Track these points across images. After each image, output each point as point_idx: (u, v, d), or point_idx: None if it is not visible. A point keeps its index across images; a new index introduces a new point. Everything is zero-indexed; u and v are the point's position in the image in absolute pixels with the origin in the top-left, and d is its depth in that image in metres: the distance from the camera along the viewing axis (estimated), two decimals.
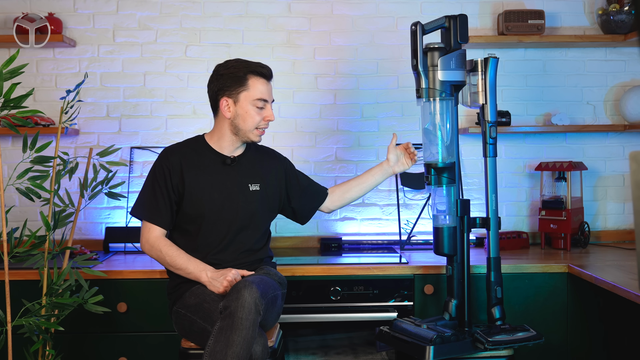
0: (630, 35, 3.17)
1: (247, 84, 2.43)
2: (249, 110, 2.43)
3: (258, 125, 2.46)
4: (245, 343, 2.11)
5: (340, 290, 2.78)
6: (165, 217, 2.46)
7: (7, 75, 2.33)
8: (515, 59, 3.35)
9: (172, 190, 2.46)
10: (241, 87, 2.43)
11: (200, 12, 3.30)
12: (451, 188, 2.56)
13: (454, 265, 2.57)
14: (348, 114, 3.34)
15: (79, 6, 3.27)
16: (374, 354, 2.85)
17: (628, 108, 3.26)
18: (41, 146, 2.48)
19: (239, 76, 2.43)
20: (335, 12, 3.33)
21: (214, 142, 2.52)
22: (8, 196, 3.18)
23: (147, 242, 2.46)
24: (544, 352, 2.77)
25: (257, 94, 2.43)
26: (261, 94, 2.44)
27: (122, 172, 3.22)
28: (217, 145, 2.51)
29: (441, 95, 2.50)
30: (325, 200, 2.70)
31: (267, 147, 2.66)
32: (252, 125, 2.45)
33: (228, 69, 2.44)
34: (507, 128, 3.21)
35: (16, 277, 2.65)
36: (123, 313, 2.72)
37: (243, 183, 2.50)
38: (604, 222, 3.38)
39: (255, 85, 2.43)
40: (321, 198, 2.69)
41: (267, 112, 2.46)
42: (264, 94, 2.44)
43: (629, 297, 2.25)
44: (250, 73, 2.44)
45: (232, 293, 2.18)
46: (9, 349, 2.43)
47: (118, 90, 3.29)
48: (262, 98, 2.44)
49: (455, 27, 2.54)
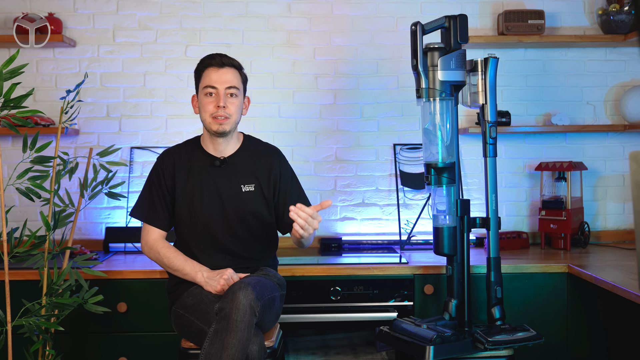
0: (630, 35, 3.17)
1: (202, 76, 2.47)
2: (202, 100, 2.46)
3: (212, 113, 2.43)
4: (241, 345, 2.11)
5: (340, 290, 2.77)
6: (162, 218, 2.48)
7: (7, 75, 2.33)
8: (515, 59, 3.35)
9: (167, 193, 2.48)
10: (199, 83, 2.48)
11: (200, 12, 3.30)
12: (451, 188, 2.56)
13: (454, 265, 2.57)
14: (348, 114, 3.34)
15: (79, 6, 3.27)
16: (374, 354, 2.85)
17: (628, 108, 3.26)
18: (41, 146, 2.48)
19: (198, 71, 2.49)
20: (335, 12, 3.33)
21: (205, 143, 2.53)
22: (8, 196, 3.18)
23: (147, 244, 2.48)
24: (544, 352, 2.77)
25: (206, 82, 2.45)
26: (209, 82, 2.44)
27: (122, 172, 3.22)
28: (207, 146, 2.52)
29: (441, 95, 2.50)
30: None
31: (269, 146, 2.61)
32: (206, 115, 2.44)
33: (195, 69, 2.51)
34: (507, 128, 3.21)
35: (16, 277, 2.65)
36: (123, 313, 2.72)
37: (234, 184, 2.48)
38: (604, 222, 3.38)
39: (206, 75, 2.45)
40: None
41: (216, 99, 2.43)
42: (211, 81, 2.43)
43: (629, 297, 2.25)
44: (204, 67, 2.47)
45: (228, 295, 2.18)
46: (9, 349, 2.43)
47: (118, 90, 3.29)
48: (209, 85, 2.44)
49: (455, 27, 2.54)
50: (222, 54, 2.49)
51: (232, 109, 2.44)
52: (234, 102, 2.45)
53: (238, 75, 2.48)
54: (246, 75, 2.54)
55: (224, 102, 2.42)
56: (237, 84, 2.46)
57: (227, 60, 2.46)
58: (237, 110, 2.46)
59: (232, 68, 2.46)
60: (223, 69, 2.44)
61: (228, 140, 2.49)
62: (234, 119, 2.44)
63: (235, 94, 2.45)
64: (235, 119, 2.45)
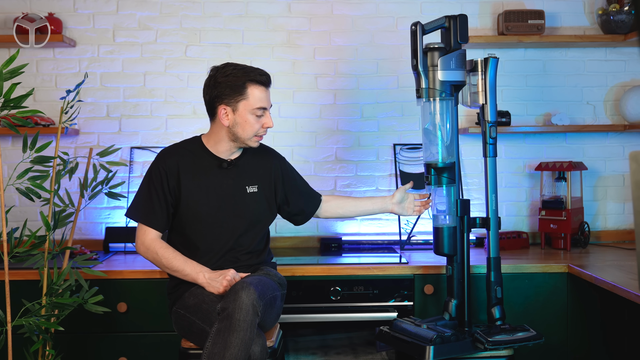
0: (630, 35, 3.17)
1: (246, 92, 2.39)
2: (248, 119, 2.40)
3: (257, 132, 2.44)
4: (243, 345, 2.11)
5: (340, 290, 2.78)
6: (160, 219, 2.45)
7: (7, 75, 2.33)
8: (515, 59, 3.35)
9: (169, 193, 2.44)
10: (240, 96, 2.39)
11: (200, 12, 3.30)
12: (451, 188, 2.56)
13: (454, 265, 2.57)
14: (348, 114, 3.34)
15: (79, 6, 3.27)
16: (374, 354, 2.85)
17: (628, 108, 3.26)
18: (41, 146, 2.48)
19: (238, 85, 2.38)
20: (335, 12, 3.33)
21: (211, 145, 2.49)
22: (8, 196, 3.18)
23: (143, 244, 2.45)
24: (544, 352, 2.77)
25: (257, 102, 2.40)
26: (260, 103, 2.41)
27: (122, 172, 3.22)
28: (214, 148, 2.48)
29: (441, 95, 2.50)
30: (319, 206, 2.69)
31: (265, 147, 2.62)
32: (251, 134, 2.42)
33: (227, 77, 2.38)
34: (507, 128, 3.21)
35: (16, 277, 2.65)
36: (123, 313, 2.72)
37: (240, 186, 2.48)
38: (604, 222, 3.38)
39: (254, 94, 2.39)
40: (317, 203, 2.68)
41: (266, 119, 2.43)
42: (263, 102, 2.41)
43: (629, 297, 2.26)
44: (249, 82, 2.39)
45: (230, 295, 2.18)
46: (9, 349, 2.43)
47: (118, 90, 3.29)
48: (261, 107, 2.41)
49: (455, 27, 2.54)
50: (264, 71, 2.44)
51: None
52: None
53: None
54: None
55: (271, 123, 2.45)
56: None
57: (270, 79, 2.46)
58: None
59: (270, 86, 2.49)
60: (269, 89, 2.45)
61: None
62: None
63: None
64: None
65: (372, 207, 2.71)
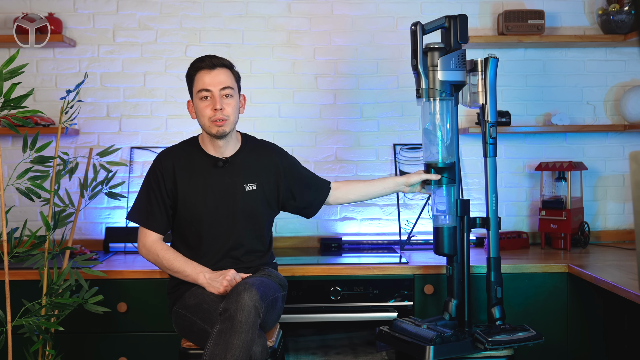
0: (630, 35, 3.17)
1: (194, 80, 2.44)
2: (197, 104, 2.44)
3: (210, 117, 2.41)
4: (245, 346, 2.11)
5: (340, 290, 2.78)
6: (160, 221, 2.46)
7: (7, 75, 2.33)
8: (515, 59, 3.35)
9: (167, 196, 2.45)
10: (192, 87, 2.46)
11: (200, 12, 3.30)
12: (451, 188, 2.56)
13: (454, 265, 2.57)
14: (348, 114, 3.34)
15: (79, 6, 3.27)
16: (374, 354, 2.85)
17: (628, 108, 3.26)
18: (41, 146, 2.48)
19: (190, 76, 2.46)
20: (335, 12, 3.33)
21: (204, 144, 2.51)
22: (8, 196, 3.18)
23: (144, 246, 2.46)
24: (544, 352, 2.77)
25: (199, 85, 2.42)
26: (202, 85, 2.41)
27: (122, 172, 3.22)
28: (207, 147, 2.50)
29: (441, 95, 2.50)
30: (328, 194, 2.68)
31: (266, 143, 2.61)
32: (206, 120, 2.42)
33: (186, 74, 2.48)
34: (507, 128, 3.21)
35: (16, 277, 2.65)
36: (123, 313, 2.72)
37: (238, 184, 2.48)
38: (604, 222, 3.38)
39: (199, 79, 2.42)
40: (325, 192, 2.66)
41: (212, 102, 2.41)
42: (205, 84, 2.41)
43: (629, 297, 2.25)
44: (194, 71, 2.44)
45: (232, 296, 2.18)
46: (9, 349, 2.43)
47: (118, 90, 3.29)
48: (202, 88, 2.41)
49: (455, 27, 2.54)
50: (211, 55, 2.46)
51: (230, 110, 2.42)
52: (231, 102, 2.43)
53: (231, 74, 2.45)
54: (239, 73, 2.51)
55: (221, 104, 2.40)
56: (231, 84, 2.44)
57: (218, 60, 2.43)
58: (234, 111, 2.44)
59: (223, 68, 2.43)
60: (215, 71, 2.41)
61: (228, 140, 2.48)
62: (232, 119, 2.43)
63: (231, 94, 2.43)
64: (233, 120, 2.44)
65: (384, 189, 2.68)
